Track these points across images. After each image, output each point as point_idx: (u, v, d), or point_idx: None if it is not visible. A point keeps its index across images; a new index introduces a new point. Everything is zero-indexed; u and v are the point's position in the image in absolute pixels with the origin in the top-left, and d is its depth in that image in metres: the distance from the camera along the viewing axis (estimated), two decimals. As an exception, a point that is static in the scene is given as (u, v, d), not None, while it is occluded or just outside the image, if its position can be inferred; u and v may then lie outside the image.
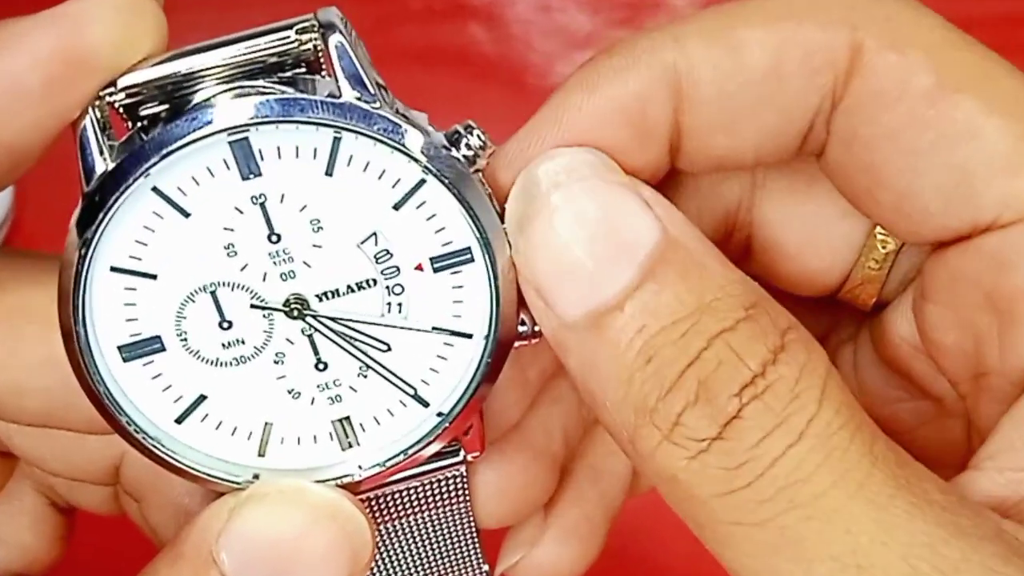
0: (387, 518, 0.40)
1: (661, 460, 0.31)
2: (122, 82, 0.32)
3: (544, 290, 0.33)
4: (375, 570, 0.42)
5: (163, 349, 0.36)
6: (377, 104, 0.33)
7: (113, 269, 0.34)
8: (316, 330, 0.36)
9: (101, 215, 0.33)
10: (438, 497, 0.40)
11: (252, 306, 0.35)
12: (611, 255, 0.31)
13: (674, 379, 0.31)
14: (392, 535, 0.41)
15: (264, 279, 0.35)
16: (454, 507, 0.41)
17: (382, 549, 0.41)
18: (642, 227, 0.32)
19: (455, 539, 0.42)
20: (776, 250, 0.40)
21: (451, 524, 0.41)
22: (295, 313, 0.36)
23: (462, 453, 0.40)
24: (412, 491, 0.40)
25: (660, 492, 0.32)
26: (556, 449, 0.43)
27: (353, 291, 0.36)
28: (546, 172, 0.33)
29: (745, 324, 0.31)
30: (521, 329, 0.36)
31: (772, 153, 0.36)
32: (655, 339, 0.31)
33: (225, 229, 0.34)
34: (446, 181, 0.34)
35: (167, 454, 0.37)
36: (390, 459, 0.38)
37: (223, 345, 0.36)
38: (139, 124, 0.33)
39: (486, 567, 0.43)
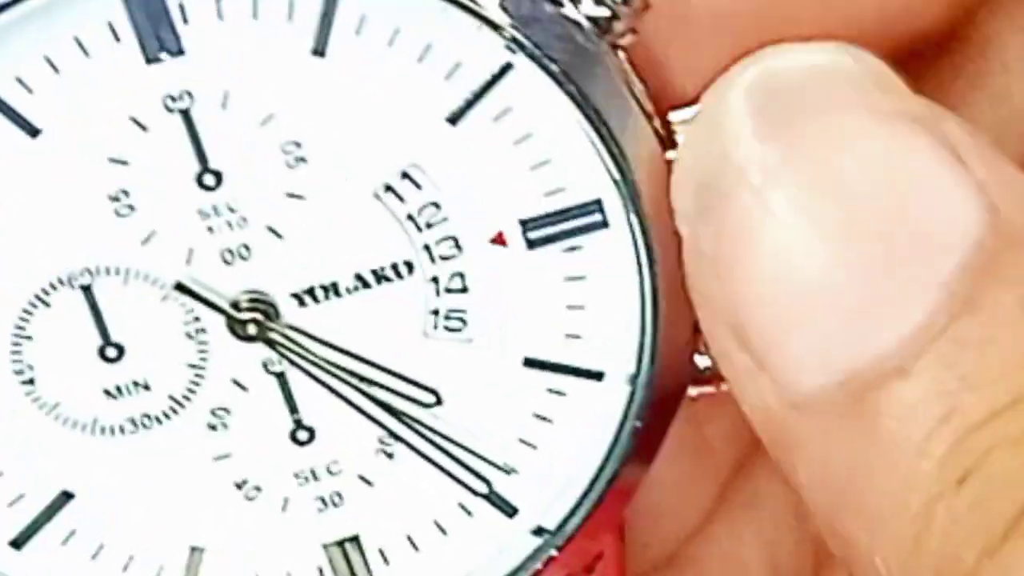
0: None
1: None
2: None
3: (751, 333, 0.26)
4: None
5: None
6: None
7: None
8: (293, 363, 0.29)
9: None
10: None
11: (162, 312, 0.28)
12: (891, 267, 0.25)
13: (1014, 516, 0.24)
14: None
15: (188, 261, 0.28)
16: None
17: None
18: (954, 206, 0.25)
19: None
20: None
21: None
22: (252, 329, 0.28)
23: (582, 612, 0.33)
24: None
25: None
26: None
27: (366, 286, 0.28)
28: (756, 98, 0.26)
29: None
30: (699, 363, 0.29)
31: None
32: (976, 437, 0.24)
33: (112, 161, 0.27)
34: (554, 68, 0.27)
35: None
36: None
37: (107, 393, 0.29)
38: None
39: None
